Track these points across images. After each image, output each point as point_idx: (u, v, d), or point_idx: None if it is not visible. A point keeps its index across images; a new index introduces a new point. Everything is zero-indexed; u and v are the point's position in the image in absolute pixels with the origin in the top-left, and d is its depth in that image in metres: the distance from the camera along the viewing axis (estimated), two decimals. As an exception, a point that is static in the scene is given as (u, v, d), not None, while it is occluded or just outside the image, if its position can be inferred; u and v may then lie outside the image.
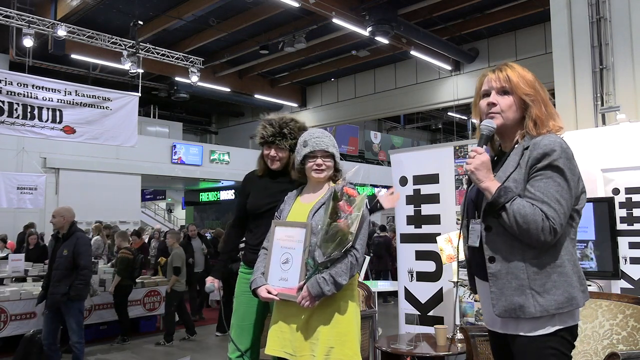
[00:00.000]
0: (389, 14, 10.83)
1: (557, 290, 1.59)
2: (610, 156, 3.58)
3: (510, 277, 1.62)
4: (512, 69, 1.73)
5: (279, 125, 2.72)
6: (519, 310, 1.60)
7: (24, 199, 10.55)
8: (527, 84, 1.70)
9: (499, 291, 1.63)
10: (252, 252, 2.72)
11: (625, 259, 3.39)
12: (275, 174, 2.80)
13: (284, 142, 2.71)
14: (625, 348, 2.30)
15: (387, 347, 3.36)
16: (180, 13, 11.28)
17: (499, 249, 1.64)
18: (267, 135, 2.71)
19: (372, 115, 17.94)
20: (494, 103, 1.72)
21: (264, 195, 2.76)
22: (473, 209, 1.77)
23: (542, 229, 1.54)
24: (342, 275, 2.15)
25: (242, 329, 2.74)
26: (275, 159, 2.74)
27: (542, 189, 1.58)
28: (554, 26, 5.12)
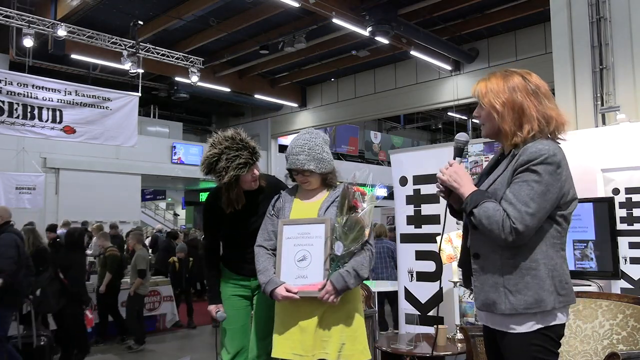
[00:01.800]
0: (389, 14, 10.82)
1: (527, 292, 1.67)
2: (610, 156, 3.58)
3: (489, 275, 1.73)
4: (487, 80, 1.82)
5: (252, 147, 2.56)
6: (492, 306, 1.71)
7: (22, 199, 10.55)
8: (496, 96, 1.76)
9: (480, 286, 1.75)
10: (239, 261, 2.71)
11: (625, 259, 3.39)
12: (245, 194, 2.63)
13: (257, 157, 2.58)
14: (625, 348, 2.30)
15: (387, 347, 3.36)
16: (180, 13, 11.28)
17: (482, 246, 1.75)
18: (249, 159, 2.51)
19: (372, 115, 17.93)
20: (477, 116, 1.86)
21: (242, 217, 2.65)
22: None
23: (503, 228, 1.62)
24: (364, 268, 2.22)
25: (232, 332, 2.74)
26: (256, 178, 2.60)
27: (515, 191, 1.66)
28: (554, 26, 5.12)
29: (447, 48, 12.96)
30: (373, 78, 16.03)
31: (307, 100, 18.12)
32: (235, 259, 2.76)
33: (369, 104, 16.20)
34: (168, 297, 7.45)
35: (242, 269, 2.72)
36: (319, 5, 10.14)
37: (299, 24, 11.90)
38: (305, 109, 18.16)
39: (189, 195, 23.37)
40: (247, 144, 2.55)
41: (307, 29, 11.72)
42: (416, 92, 15.05)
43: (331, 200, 2.34)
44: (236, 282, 2.76)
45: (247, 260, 2.62)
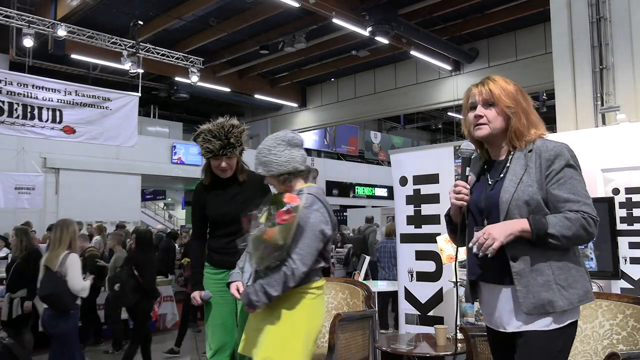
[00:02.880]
0: (389, 14, 10.82)
1: (577, 284, 1.71)
2: (610, 156, 3.58)
3: (536, 274, 1.69)
4: (494, 82, 1.82)
5: (225, 136, 2.70)
6: (549, 305, 1.67)
7: (21, 199, 10.54)
8: (508, 96, 1.79)
9: (525, 289, 1.69)
10: (218, 254, 2.79)
11: (625, 259, 3.39)
12: (224, 180, 2.82)
13: (234, 151, 2.72)
14: (625, 348, 2.30)
15: (387, 347, 3.36)
16: (180, 13, 11.28)
17: (520, 248, 1.70)
18: (216, 149, 2.70)
19: (372, 115, 17.93)
20: (481, 115, 1.80)
21: (221, 204, 2.79)
22: (480, 216, 1.81)
23: (589, 226, 1.66)
24: (275, 286, 2.11)
25: (214, 328, 2.77)
26: (226, 169, 2.76)
27: (571, 190, 1.70)
28: (554, 26, 5.12)
29: (447, 48, 12.96)
30: (373, 78, 16.03)
31: (307, 100, 18.12)
32: (215, 249, 2.81)
33: (369, 104, 16.21)
34: (168, 297, 7.45)
35: (222, 262, 2.75)
36: (319, 5, 10.14)
37: (299, 24, 11.91)
38: (305, 109, 18.16)
39: (189, 195, 23.34)
40: (226, 136, 2.70)
41: (307, 29, 11.72)
42: (416, 92, 15.06)
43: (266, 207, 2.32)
44: (216, 278, 2.79)
45: (225, 251, 2.73)
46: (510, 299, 1.74)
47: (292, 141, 2.30)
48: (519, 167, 1.76)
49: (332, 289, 3.61)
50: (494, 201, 1.76)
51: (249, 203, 2.69)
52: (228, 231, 2.73)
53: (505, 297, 1.76)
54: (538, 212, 1.70)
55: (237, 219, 2.62)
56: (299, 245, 2.12)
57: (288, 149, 2.28)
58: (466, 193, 1.79)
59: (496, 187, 1.79)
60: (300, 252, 2.12)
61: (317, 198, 2.21)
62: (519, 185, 1.72)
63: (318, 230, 2.16)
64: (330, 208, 2.31)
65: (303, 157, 2.33)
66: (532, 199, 1.70)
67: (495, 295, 1.79)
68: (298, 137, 2.35)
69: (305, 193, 2.19)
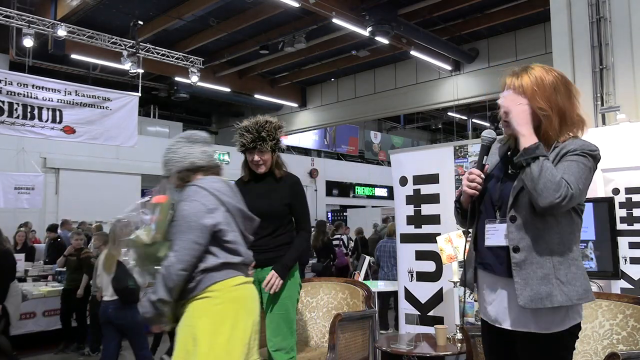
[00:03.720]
0: (389, 14, 10.82)
1: (576, 282, 1.66)
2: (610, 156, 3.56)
3: (536, 267, 1.65)
4: (530, 75, 1.71)
5: (257, 130, 2.79)
6: (546, 299, 1.62)
7: (21, 199, 10.53)
8: (542, 96, 1.67)
9: (523, 281, 1.65)
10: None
11: (625, 259, 3.40)
12: (260, 176, 2.89)
13: (265, 145, 2.79)
14: (625, 348, 2.30)
15: (387, 347, 3.36)
16: (180, 13, 11.27)
17: (523, 239, 1.66)
18: (247, 142, 2.80)
19: (372, 115, 17.92)
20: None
21: (253, 200, 2.76)
22: (492, 209, 1.77)
23: (559, 187, 1.57)
24: (155, 291, 1.97)
25: None
26: (259, 163, 2.83)
27: (565, 167, 1.63)
28: (554, 26, 5.12)
29: (447, 48, 12.95)
30: (373, 78, 16.03)
31: (307, 100, 18.12)
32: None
33: (369, 104, 16.21)
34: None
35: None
36: (319, 5, 10.13)
37: (299, 24, 11.90)
38: (305, 109, 18.16)
39: (189, 195, 23.35)
40: (258, 132, 2.78)
41: (307, 29, 11.72)
42: (416, 92, 15.05)
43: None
44: None
45: (253, 249, 2.68)
46: (510, 294, 1.70)
47: (191, 137, 2.29)
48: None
49: (332, 289, 3.62)
50: (505, 192, 1.73)
51: (277, 201, 2.81)
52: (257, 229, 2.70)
53: (505, 291, 1.72)
54: None
55: (267, 216, 2.71)
56: (175, 241, 2.00)
57: (187, 145, 2.25)
58: (480, 182, 1.74)
59: (510, 181, 1.74)
60: (175, 248, 1.98)
61: (203, 188, 2.08)
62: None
63: (193, 221, 2.00)
64: (228, 196, 2.13)
65: (204, 152, 2.24)
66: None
67: (493, 287, 1.76)
68: (200, 134, 2.31)
69: (192, 185, 2.10)
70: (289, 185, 2.89)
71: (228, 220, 2.11)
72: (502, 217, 1.73)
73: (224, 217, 2.08)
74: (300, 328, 3.54)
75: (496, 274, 1.75)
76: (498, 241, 1.73)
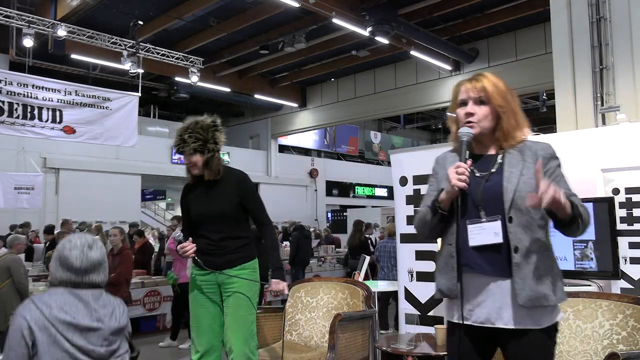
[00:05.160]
0: (389, 14, 10.82)
1: (559, 282, 1.74)
2: (610, 156, 3.58)
3: (532, 267, 1.68)
4: (487, 79, 1.81)
5: (180, 133, 2.76)
6: (543, 299, 1.67)
7: (21, 199, 10.52)
8: (500, 95, 1.77)
9: (522, 281, 1.68)
10: (203, 254, 2.77)
11: (625, 259, 3.40)
12: (204, 181, 2.80)
13: (187, 147, 2.72)
14: (625, 348, 2.30)
15: (387, 347, 3.36)
16: (180, 13, 11.27)
17: (521, 240, 1.70)
18: (175, 144, 2.78)
19: (372, 115, 17.93)
20: (472, 113, 1.78)
21: (198, 204, 2.81)
22: (474, 209, 1.76)
23: (589, 216, 1.71)
24: None
25: (199, 330, 2.77)
26: (190, 166, 2.77)
27: (567, 187, 1.75)
28: (554, 26, 5.12)
29: (447, 48, 12.96)
30: (373, 78, 16.03)
31: (307, 100, 18.12)
32: (199, 249, 2.79)
33: (369, 104, 16.21)
34: (168, 297, 7.45)
35: (206, 263, 2.76)
36: (319, 5, 10.14)
37: (299, 24, 11.90)
38: (305, 109, 18.16)
39: (189, 195, 23.32)
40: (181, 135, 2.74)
41: (307, 29, 11.72)
42: (416, 92, 15.05)
43: None
44: (203, 279, 2.80)
45: (207, 252, 2.75)
46: (505, 292, 1.71)
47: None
48: (515, 161, 1.76)
49: (332, 289, 3.62)
50: (494, 193, 1.73)
51: (225, 202, 2.76)
52: (209, 232, 2.76)
53: (499, 291, 1.72)
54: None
55: (214, 218, 2.73)
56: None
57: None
58: (468, 175, 1.72)
59: (493, 180, 1.76)
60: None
61: (32, 301, 1.85)
62: (521, 178, 1.72)
63: (15, 336, 1.79)
64: (61, 310, 1.83)
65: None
66: (534, 192, 1.66)
67: (483, 288, 1.75)
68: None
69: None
70: (235, 184, 2.82)
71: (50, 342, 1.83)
72: (489, 217, 1.72)
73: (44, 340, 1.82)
74: (300, 328, 3.54)
75: (487, 275, 1.74)
76: (485, 240, 1.72)
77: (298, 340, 3.50)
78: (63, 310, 1.84)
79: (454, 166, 1.73)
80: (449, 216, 1.79)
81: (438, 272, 1.87)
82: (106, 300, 1.97)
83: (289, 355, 3.15)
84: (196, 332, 2.77)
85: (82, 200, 14.02)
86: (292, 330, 3.56)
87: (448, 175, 1.73)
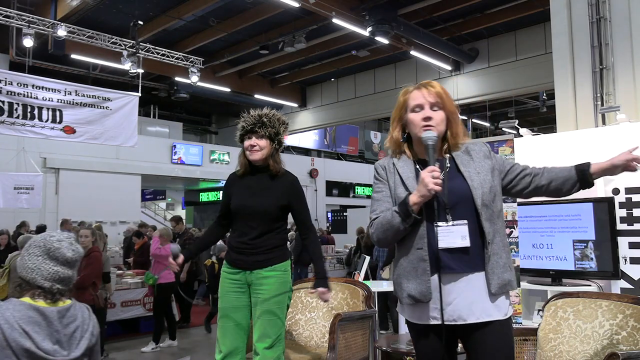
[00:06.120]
0: (389, 14, 10.82)
1: (512, 268, 1.88)
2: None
3: (497, 257, 1.81)
4: (439, 86, 1.89)
5: (258, 115, 2.76)
6: (509, 285, 1.82)
7: (20, 199, 10.50)
8: (450, 102, 1.88)
9: (491, 271, 1.80)
10: (235, 252, 2.74)
11: (625, 259, 3.39)
12: (256, 171, 2.78)
13: (263, 129, 2.71)
14: (625, 348, 2.30)
15: (387, 347, 3.36)
16: (180, 13, 11.28)
17: (489, 232, 1.81)
18: (247, 125, 2.74)
19: (372, 115, 17.92)
20: (430, 117, 1.83)
21: (245, 195, 2.74)
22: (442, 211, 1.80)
23: None
24: None
25: (224, 329, 2.72)
26: (254, 148, 2.71)
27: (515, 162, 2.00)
28: (554, 26, 5.12)
29: (447, 48, 12.96)
30: (373, 78, 16.04)
31: (307, 100, 18.12)
32: (233, 247, 2.76)
33: (369, 104, 16.21)
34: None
35: (238, 261, 2.73)
36: (319, 5, 10.14)
37: (299, 24, 11.90)
38: (305, 109, 18.17)
39: (189, 195, 23.36)
40: (259, 116, 2.75)
41: (307, 29, 11.72)
42: (416, 92, 15.04)
43: None
44: (233, 278, 2.76)
45: (240, 250, 2.71)
46: (476, 287, 1.79)
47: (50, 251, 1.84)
48: (466, 161, 1.88)
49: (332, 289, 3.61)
50: (460, 192, 1.81)
51: (271, 200, 2.70)
52: (246, 227, 2.70)
53: (469, 286, 1.79)
54: (495, 195, 1.85)
55: (257, 214, 2.66)
56: None
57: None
58: (442, 178, 1.75)
59: (455, 181, 1.84)
60: None
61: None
62: (479, 176, 1.84)
63: None
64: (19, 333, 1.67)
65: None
66: (492, 186, 1.85)
67: (457, 287, 1.79)
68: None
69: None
70: (287, 184, 2.76)
71: None
72: (457, 220, 1.79)
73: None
74: (300, 328, 3.54)
75: (457, 272, 1.79)
76: (453, 243, 1.77)
77: (298, 340, 3.50)
78: (24, 333, 1.67)
79: (427, 170, 1.74)
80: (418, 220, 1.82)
81: (404, 277, 1.87)
82: (71, 316, 1.79)
83: (289, 355, 3.15)
84: (222, 331, 2.72)
85: (82, 200, 14.02)
86: (292, 330, 3.55)
87: (423, 179, 1.73)
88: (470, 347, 1.83)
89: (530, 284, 3.77)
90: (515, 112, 16.73)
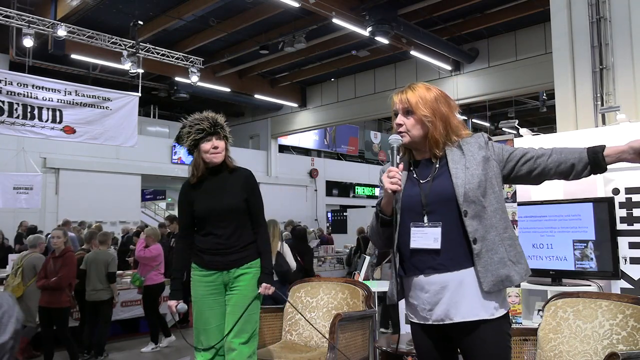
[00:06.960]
0: (389, 14, 10.82)
1: (522, 260, 1.83)
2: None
3: (491, 253, 1.77)
4: (413, 90, 1.88)
5: (212, 117, 2.78)
6: (507, 281, 1.77)
7: (19, 199, 10.51)
8: (425, 105, 1.84)
9: (484, 269, 1.76)
10: (208, 254, 2.73)
11: (625, 259, 3.39)
12: (213, 173, 2.78)
13: (223, 130, 2.77)
14: (625, 348, 2.30)
15: (387, 347, 3.36)
16: (180, 13, 11.28)
17: (477, 230, 1.77)
18: (207, 127, 2.73)
19: (372, 115, 17.92)
20: (400, 124, 1.87)
21: (209, 199, 2.74)
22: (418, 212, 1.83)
23: None
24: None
25: (207, 332, 2.73)
26: (217, 150, 2.74)
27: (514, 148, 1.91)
28: (554, 26, 5.12)
29: (447, 48, 12.95)
30: (373, 78, 16.03)
31: (307, 100, 18.12)
32: (204, 249, 2.75)
33: (369, 104, 16.21)
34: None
35: (212, 263, 2.73)
36: (319, 5, 10.14)
37: (299, 24, 11.90)
38: (305, 109, 18.17)
39: (189, 195, 23.30)
40: (213, 119, 2.76)
41: (307, 29, 11.72)
42: (416, 92, 15.04)
43: None
44: (207, 280, 2.76)
45: (215, 252, 2.71)
46: (463, 285, 1.77)
47: None
48: (457, 157, 1.84)
49: (332, 289, 3.61)
50: (441, 192, 1.81)
51: (235, 197, 2.72)
52: (217, 228, 2.72)
53: (456, 285, 1.77)
54: (487, 189, 1.79)
55: (223, 213, 2.68)
56: None
57: None
58: (400, 178, 1.80)
59: (437, 181, 1.84)
60: None
61: None
62: (467, 171, 1.80)
63: None
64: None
65: None
66: (481, 182, 1.78)
67: (443, 285, 1.79)
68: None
69: None
70: (243, 178, 2.80)
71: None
72: (431, 222, 1.80)
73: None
74: (300, 328, 3.54)
75: (440, 272, 1.79)
76: (424, 244, 1.79)
77: (298, 340, 3.50)
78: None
79: (387, 171, 1.81)
80: (391, 222, 1.85)
81: (389, 276, 1.98)
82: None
83: (289, 355, 3.15)
84: (204, 334, 2.73)
85: (82, 200, 14.02)
86: (292, 330, 3.55)
87: (382, 181, 1.82)
88: (462, 347, 1.83)
89: (530, 284, 3.77)
90: (515, 112, 16.73)
